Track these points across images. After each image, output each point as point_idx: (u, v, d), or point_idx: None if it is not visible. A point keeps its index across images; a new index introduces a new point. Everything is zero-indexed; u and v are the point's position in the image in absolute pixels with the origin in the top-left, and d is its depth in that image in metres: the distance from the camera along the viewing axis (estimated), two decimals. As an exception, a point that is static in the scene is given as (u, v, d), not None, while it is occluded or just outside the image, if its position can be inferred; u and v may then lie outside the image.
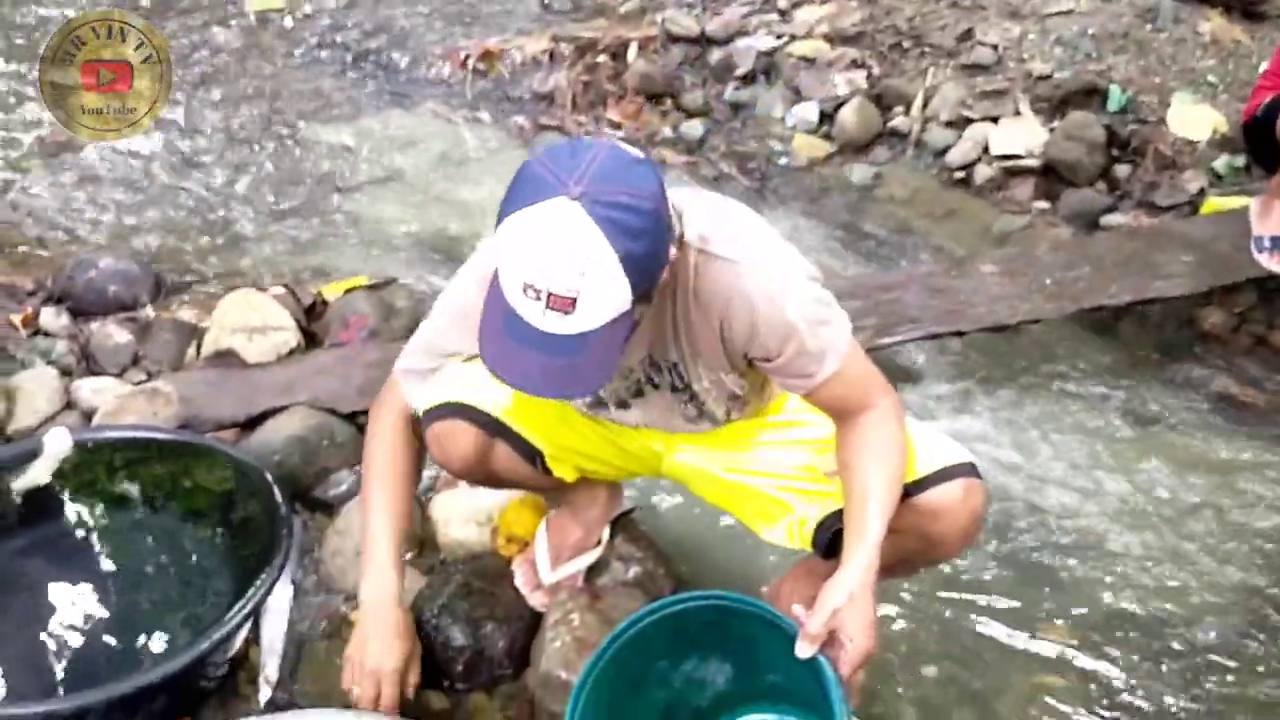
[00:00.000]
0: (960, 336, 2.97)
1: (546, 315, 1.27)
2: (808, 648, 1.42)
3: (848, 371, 1.54)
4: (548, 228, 1.24)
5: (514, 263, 1.27)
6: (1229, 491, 2.63)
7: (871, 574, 1.47)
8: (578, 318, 1.27)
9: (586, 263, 1.23)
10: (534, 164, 1.29)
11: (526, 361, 1.31)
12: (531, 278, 1.25)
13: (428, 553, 2.22)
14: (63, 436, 2.11)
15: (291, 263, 3.41)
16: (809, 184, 4.16)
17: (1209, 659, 2.17)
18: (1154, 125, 3.90)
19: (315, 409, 2.46)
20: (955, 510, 1.60)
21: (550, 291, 1.25)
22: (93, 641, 1.99)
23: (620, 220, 1.24)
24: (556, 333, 1.28)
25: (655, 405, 1.70)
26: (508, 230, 1.27)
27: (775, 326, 1.48)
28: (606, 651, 1.54)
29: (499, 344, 1.33)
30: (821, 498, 1.69)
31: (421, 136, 4.33)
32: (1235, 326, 3.26)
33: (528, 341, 1.30)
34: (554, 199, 1.24)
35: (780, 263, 1.51)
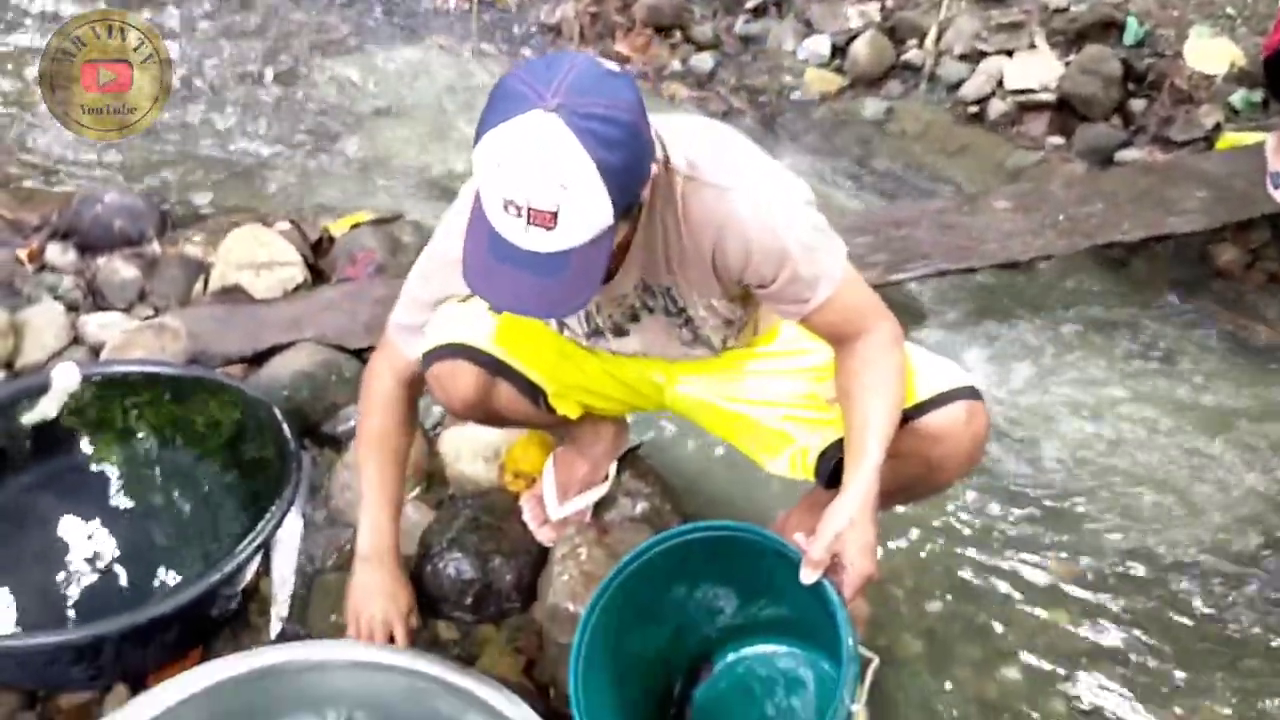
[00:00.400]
0: (972, 273, 2.95)
1: (529, 232, 1.25)
2: (811, 573, 1.42)
3: (843, 297, 1.52)
4: (526, 141, 1.22)
5: (494, 179, 1.25)
6: (1240, 429, 2.63)
7: (871, 498, 1.47)
8: (560, 233, 1.25)
9: (566, 175, 1.22)
10: (509, 79, 1.27)
11: (510, 281, 1.30)
12: (512, 193, 1.23)
13: (436, 488, 2.23)
14: (71, 371, 2.11)
15: (298, 198, 3.39)
16: (820, 118, 4.11)
17: (1216, 596, 2.18)
18: (1171, 59, 3.84)
19: (323, 344, 2.45)
20: (957, 434, 1.59)
21: (531, 207, 1.23)
22: (104, 574, 2.00)
23: (599, 131, 1.22)
24: (539, 250, 1.27)
25: (651, 331, 1.68)
26: (486, 147, 1.25)
27: (769, 252, 1.46)
28: (614, 581, 1.54)
29: (483, 265, 1.32)
30: (823, 426, 1.68)
31: (428, 70, 4.28)
32: (1249, 263, 3.24)
33: (511, 260, 1.29)
34: (530, 112, 1.22)
35: (772, 187, 1.49)
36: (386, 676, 1.62)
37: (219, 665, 1.61)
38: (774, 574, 1.51)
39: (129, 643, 1.72)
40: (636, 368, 1.82)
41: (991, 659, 2.03)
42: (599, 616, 1.54)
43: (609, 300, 1.62)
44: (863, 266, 2.68)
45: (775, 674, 1.72)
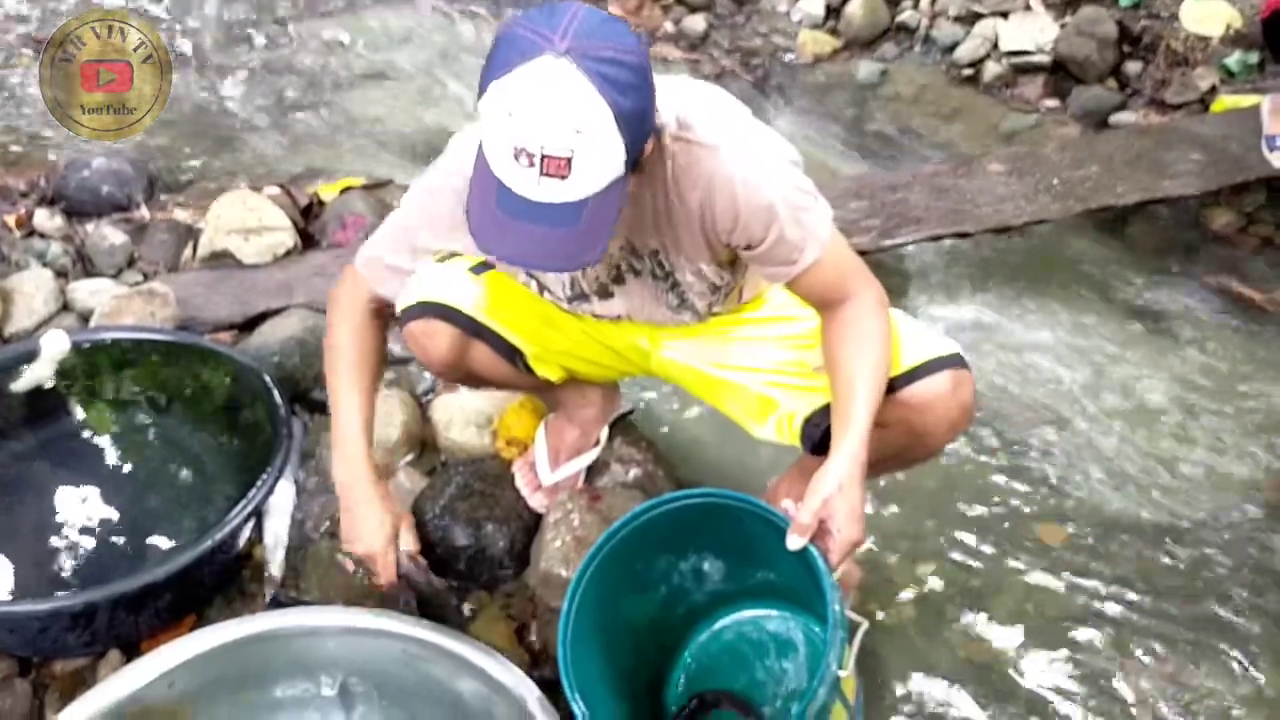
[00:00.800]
0: (966, 237, 2.94)
1: (541, 182, 1.23)
2: (798, 539, 1.43)
3: (829, 260, 1.52)
4: (538, 86, 1.19)
5: (504, 128, 1.22)
6: (1234, 393, 2.63)
7: (859, 464, 1.47)
8: (573, 181, 1.23)
9: (581, 118, 1.19)
10: (513, 27, 1.24)
11: (521, 235, 1.27)
12: (524, 140, 1.21)
13: (428, 455, 2.23)
14: (60, 338, 2.10)
15: (287, 162, 3.36)
16: (814, 81, 4.08)
17: (1209, 559, 2.19)
18: (1166, 21, 3.82)
19: (313, 310, 2.44)
20: (943, 402, 1.59)
21: (545, 153, 1.20)
22: (97, 541, 2.00)
23: (611, 75, 1.20)
24: (551, 201, 1.24)
25: (637, 294, 1.67)
26: (494, 96, 1.22)
27: (756, 211, 1.45)
28: (603, 548, 1.55)
29: (489, 221, 1.29)
30: (808, 392, 1.68)
31: (417, 32, 4.23)
32: (1243, 227, 3.23)
33: (521, 214, 1.26)
34: (540, 57, 1.19)
35: (760, 146, 1.48)
36: (380, 642, 1.63)
37: (213, 631, 1.61)
38: (763, 540, 1.51)
39: (122, 609, 1.72)
40: (620, 332, 1.81)
41: (982, 623, 2.04)
42: (587, 585, 1.54)
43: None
44: (856, 231, 2.71)
45: (766, 638, 1.73)
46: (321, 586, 1.95)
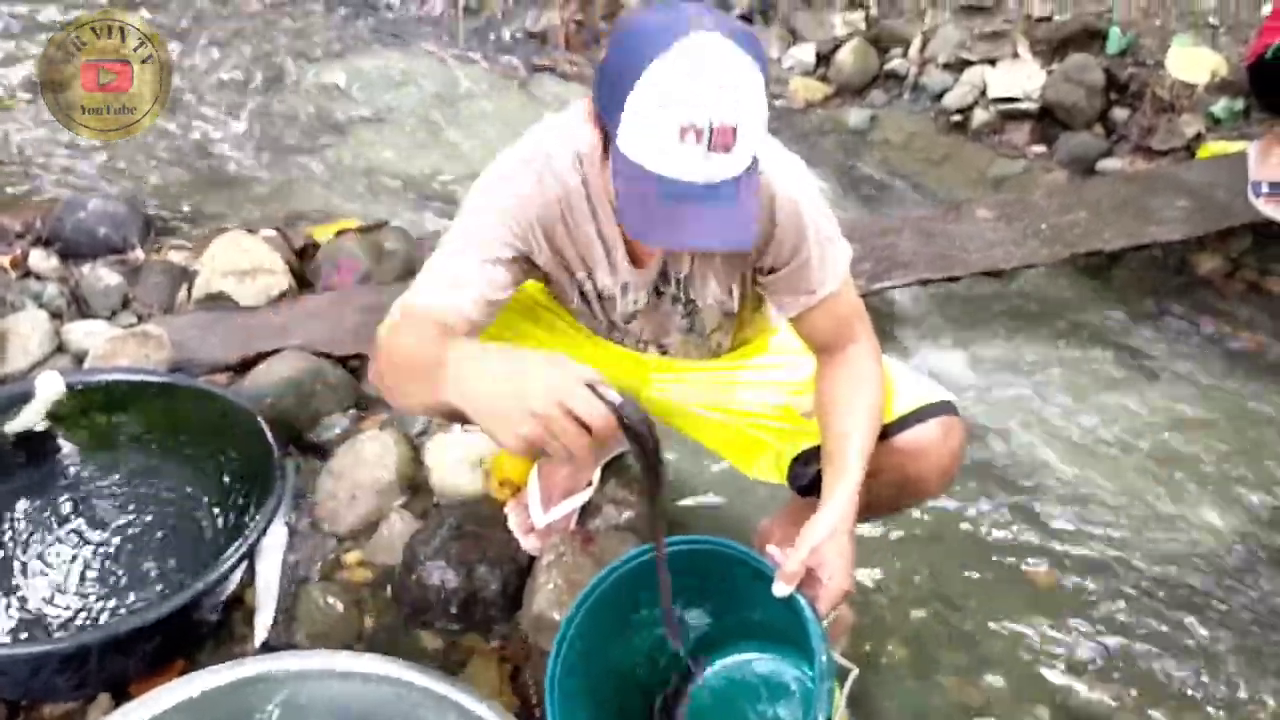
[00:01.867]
0: (955, 281, 2.97)
1: (709, 158, 1.23)
2: (784, 586, 1.43)
3: (843, 298, 1.55)
4: (702, 59, 1.21)
5: (669, 108, 1.22)
6: (1220, 436, 2.65)
7: (852, 512, 1.48)
8: (738, 152, 1.24)
9: (745, 86, 1.22)
10: (643, 19, 1.27)
11: (695, 219, 1.26)
12: (694, 115, 1.21)
13: (421, 497, 2.23)
14: (55, 380, 2.10)
15: (282, 205, 3.39)
16: (805, 126, 4.13)
17: (1195, 602, 2.19)
18: (1153, 68, 3.87)
19: (307, 352, 2.45)
20: (935, 449, 1.60)
21: (714, 125, 1.22)
22: (89, 583, 1.99)
23: (751, 45, 1.24)
24: (716, 179, 1.25)
25: (654, 315, 1.70)
26: (654, 78, 1.21)
27: (790, 226, 1.49)
28: (590, 596, 1.54)
29: (655, 216, 1.27)
30: (797, 435, 1.70)
31: (413, 76, 4.28)
32: (1230, 272, 3.27)
33: (688, 198, 1.25)
34: (694, 33, 1.21)
35: (798, 169, 1.53)
36: (371, 687, 1.62)
37: (203, 676, 1.60)
38: (751, 586, 1.51)
39: (112, 652, 1.71)
40: (615, 364, 1.81)
41: (975, 666, 2.04)
42: (576, 631, 1.53)
43: (638, 285, 1.62)
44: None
45: (759, 681, 1.73)
46: (313, 629, 1.94)
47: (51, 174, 3.42)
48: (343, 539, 2.13)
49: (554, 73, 4.34)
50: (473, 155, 3.74)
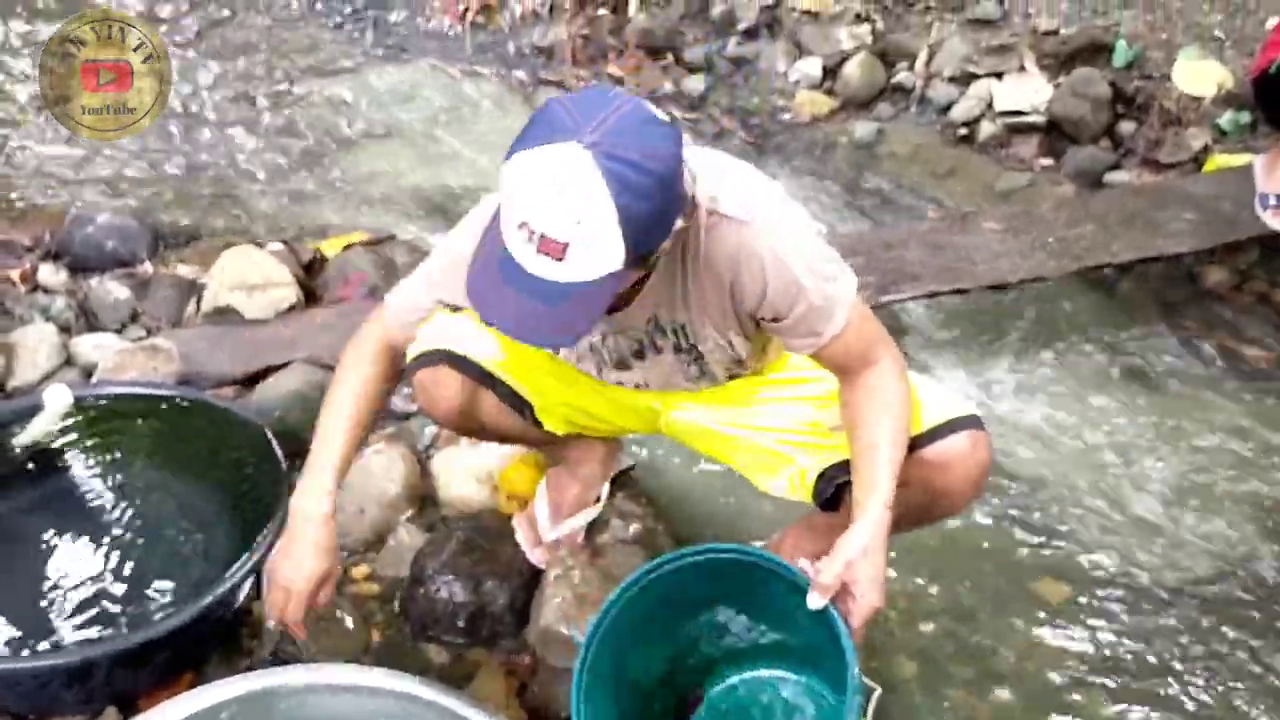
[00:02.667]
0: (962, 294, 2.96)
1: (536, 258, 1.25)
2: (819, 599, 1.43)
3: (853, 328, 1.53)
4: (552, 170, 1.22)
5: (514, 199, 1.25)
6: (1229, 450, 2.64)
7: (884, 529, 1.47)
8: (566, 266, 1.25)
9: (584, 212, 1.22)
10: (555, 104, 1.28)
11: (506, 301, 1.30)
12: (527, 216, 1.24)
13: (429, 510, 2.23)
14: (63, 393, 2.10)
15: (290, 218, 3.39)
16: (812, 140, 4.13)
17: (1205, 616, 2.18)
18: (1159, 81, 3.87)
19: (315, 365, 2.45)
20: (963, 462, 1.61)
21: (543, 234, 1.23)
22: (97, 596, 1.99)
23: (628, 178, 1.22)
24: (542, 277, 1.27)
25: (656, 367, 1.70)
26: (514, 165, 1.25)
27: (784, 286, 1.47)
28: (611, 609, 1.54)
29: (485, 279, 1.32)
30: (823, 450, 1.69)
31: (420, 91, 4.29)
32: (1237, 284, 3.26)
33: (512, 281, 1.28)
34: (566, 142, 1.22)
35: (789, 221, 1.50)
36: (379, 701, 1.61)
37: (211, 689, 1.59)
38: (776, 599, 1.51)
39: (121, 666, 1.71)
40: (634, 394, 1.82)
41: (984, 680, 2.03)
42: (600, 642, 1.53)
43: (617, 331, 1.62)
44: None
45: (775, 700, 1.72)
46: (320, 642, 1.94)
47: (60, 188, 3.43)
48: (350, 552, 2.13)
49: (561, 87, 4.35)
50: (480, 168, 3.75)
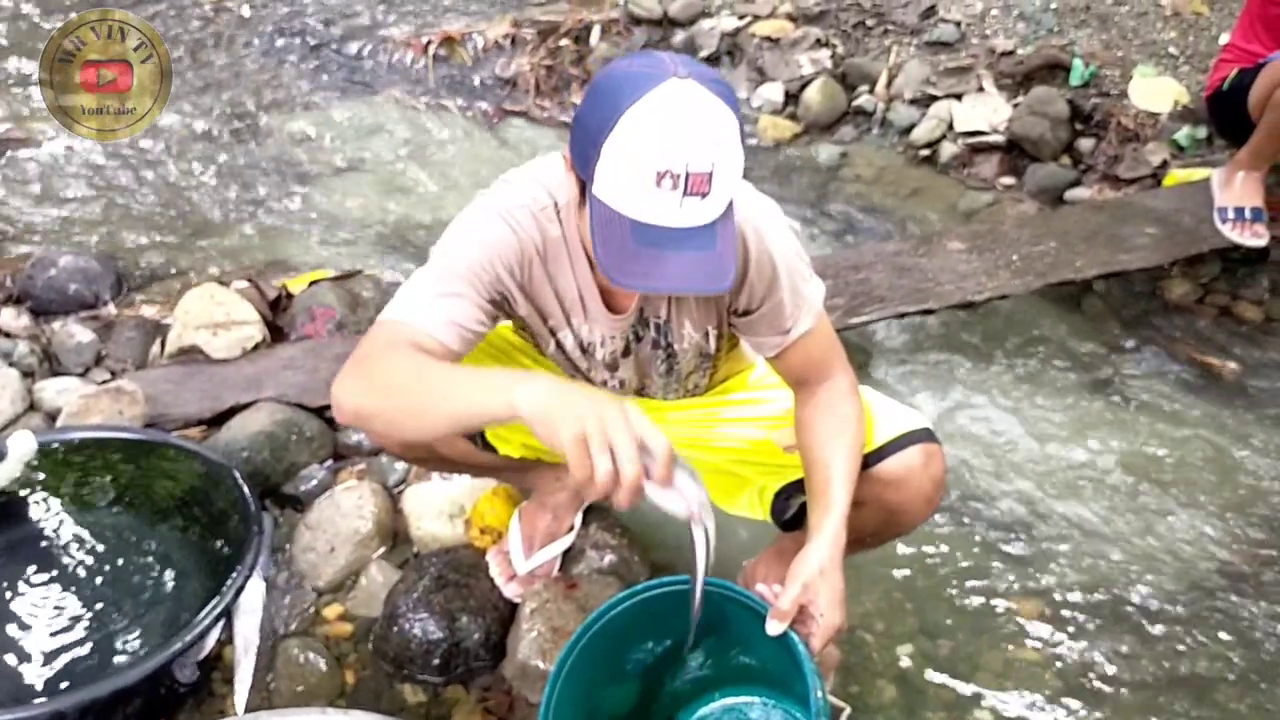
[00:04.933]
0: (930, 314, 2.98)
1: (684, 205, 1.25)
2: (778, 625, 1.42)
3: (818, 334, 1.56)
4: (679, 105, 1.23)
5: (645, 154, 1.23)
6: (1199, 462, 2.66)
7: (839, 547, 1.47)
8: (713, 198, 1.26)
9: (720, 132, 1.24)
10: (619, 69, 1.29)
11: (668, 263, 1.27)
12: (670, 161, 1.23)
13: (400, 547, 2.21)
14: (27, 439, 2.08)
15: (255, 256, 3.37)
16: (776, 164, 4.15)
17: (1180, 631, 2.19)
18: (1116, 98, 3.92)
19: (283, 404, 2.43)
20: (915, 477, 1.61)
21: (689, 171, 1.23)
22: (64, 644, 1.96)
23: (725, 92, 1.26)
24: (693, 224, 1.27)
25: (635, 362, 1.70)
26: (630, 124, 1.24)
27: (762, 269, 1.50)
28: (578, 643, 1.53)
29: (629, 257, 1.28)
30: (779, 470, 1.70)
31: (384, 124, 4.28)
32: (1200, 297, 3.30)
33: (664, 243, 1.27)
34: (668, 80, 1.24)
35: (770, 211, 1.54)
36: (353, 743, 1.60)
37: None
38: (742, 626, 1.50)
39: (90, 716, 1.68)
40: None
41: (963, 700, 2.03)
42: (566, 678, 1.52)
43: (614, 332, 1.62)
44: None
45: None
46: (294, 686, 1.92)
47: (21, 230, 3.40)
48: (322, 592, 2.11)
49: (525, 117, 4.36)
50: (445, 201, 3.75)
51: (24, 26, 4.58)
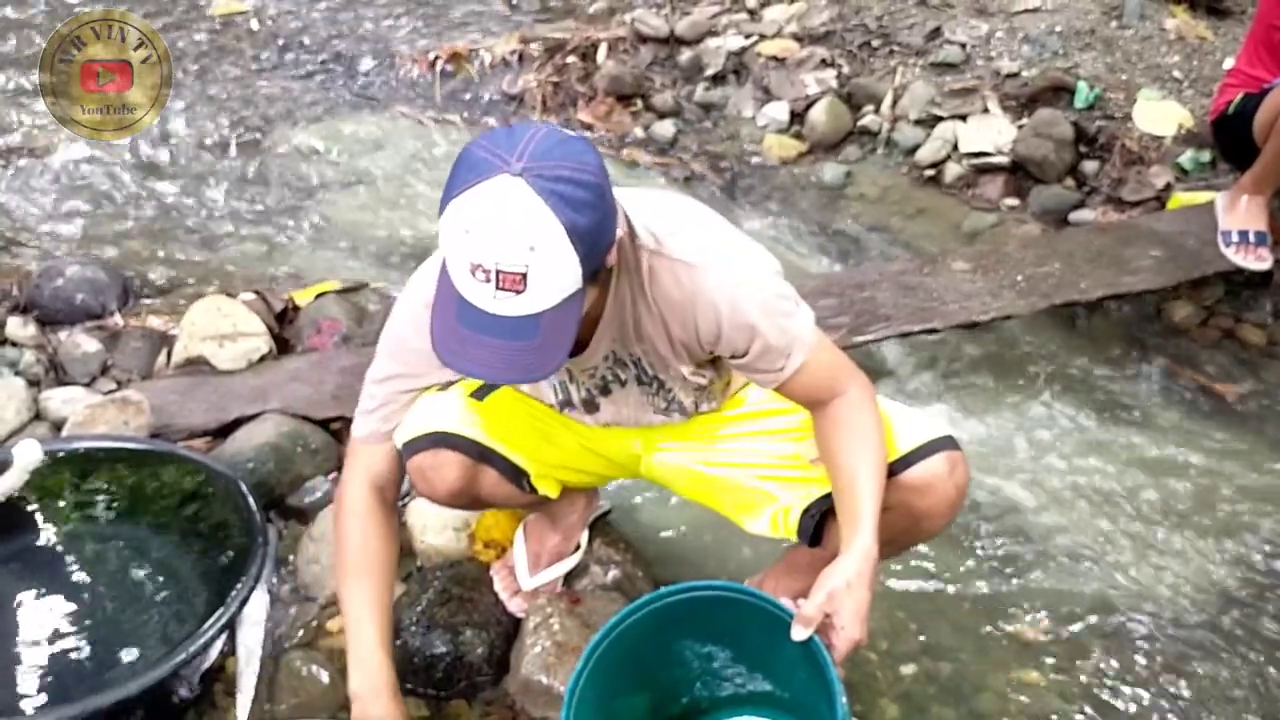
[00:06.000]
0: (933, 334, 2.99)
1: (498, 297, 1.25)
2: (803, 630, 1.42)
3: (815, 362, 1.55)
4: (492, 205, 1.23)
5: (461, 245, 1.25)
6: (1199, 484, 2.66)
7: (869, 563, 1.47)
8: (529, 296, 1.25)
9: (534, 236, 1.23)
10: (472, 148, 1.29)
11: (481, 348, 1.30)
12: (479, 257, 1.24)
13: (404, 560, 2.21)
14: (33, 448, 2.08)
15: (262, 268, 3.38)
16: (781, 183, 4.17)
17: (1181, 652, 2.19)
18: (1120, 121, 3.94)
19: (288, 415, 2.44)
20: (941, 483, 1.61)
21: (499, 269, 1.23)
22: (67, 655, 1.95)
23: (564, 193, 1.23)
24: (509, 315, 1.27)
25: (624, 402, 1.69)
26: (452, 214, 1.26)
27: (740, 326, 1.48)
28: (595, 651, 1.52)
29: (453, 335, 1.31)
30: (805, 484, 1.69)
31: (391, 139, 4.30)
32: (1203, 320, 3.30)
33: (481, 328, 1.28)
34: (496, 177, 1.23)
35: (740, 261, 1.51)
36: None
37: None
38: (757, 639, 1.50)
39: (92, 727, 1.68)
40: (614, 439, 1.82)
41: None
42: (584, 686, 1.51)
43: (581, 373, 1.63)
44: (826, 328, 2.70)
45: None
46: (296, 699, 1.91)
47: (29, 240, 3.41)
48: (325, 605, 2.11)
49: (532, 133, 4.38)
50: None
51: (38, 40, 4.60)
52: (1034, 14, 4.46)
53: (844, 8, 4.72)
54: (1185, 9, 4.40)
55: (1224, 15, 4.42)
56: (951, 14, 4.55)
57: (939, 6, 4.61)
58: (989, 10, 4.54)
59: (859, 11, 4.68)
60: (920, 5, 4.65)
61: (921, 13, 4.60)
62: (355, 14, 5.17)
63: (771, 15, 4.80)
